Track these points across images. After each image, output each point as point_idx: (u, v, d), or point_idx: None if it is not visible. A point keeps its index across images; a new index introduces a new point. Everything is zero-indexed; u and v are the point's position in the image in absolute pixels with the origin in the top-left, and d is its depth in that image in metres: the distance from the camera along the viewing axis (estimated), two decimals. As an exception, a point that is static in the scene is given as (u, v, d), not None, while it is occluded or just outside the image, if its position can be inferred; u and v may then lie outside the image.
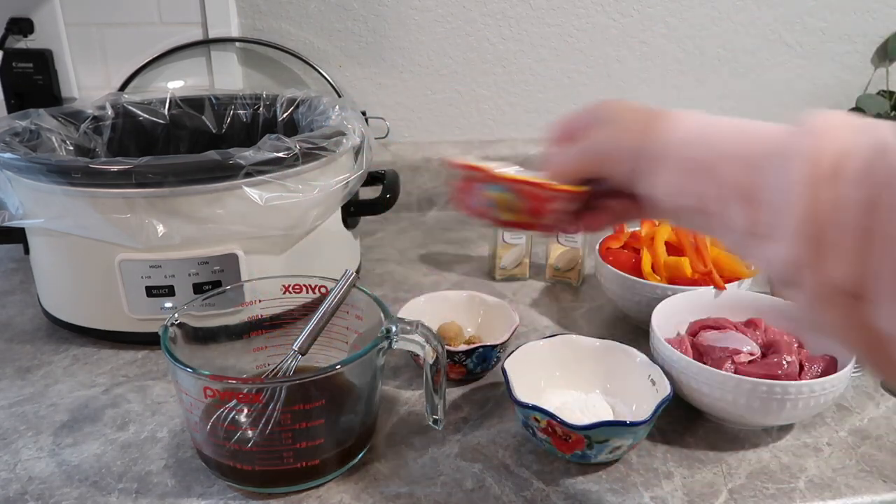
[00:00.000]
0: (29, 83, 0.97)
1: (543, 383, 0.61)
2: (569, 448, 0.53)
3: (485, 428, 0.59)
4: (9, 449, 0.56)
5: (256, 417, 0.48)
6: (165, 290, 0.66)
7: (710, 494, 0.52)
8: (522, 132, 1.13)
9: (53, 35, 0.96)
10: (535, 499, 0.51)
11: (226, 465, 0.50)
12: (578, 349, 0.63)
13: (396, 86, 1.07)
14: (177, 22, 0.98)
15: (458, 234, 1.03)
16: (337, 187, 0.71)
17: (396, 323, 0.52)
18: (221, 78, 1.01)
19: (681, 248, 0.75)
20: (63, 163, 0.62)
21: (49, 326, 0.74)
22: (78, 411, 0.61)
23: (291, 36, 1.02)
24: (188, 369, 0.47)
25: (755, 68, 1.13)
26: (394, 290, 0.84)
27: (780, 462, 0.55)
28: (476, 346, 0.63)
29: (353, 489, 0.52)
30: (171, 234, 0.63)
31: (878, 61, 1.15)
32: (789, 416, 0.56)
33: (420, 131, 1.10)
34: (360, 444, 0.54)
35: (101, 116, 0.83)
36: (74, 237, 0.64)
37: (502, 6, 1.04)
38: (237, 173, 0.62)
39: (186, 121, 0.89)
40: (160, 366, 0.68)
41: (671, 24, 1.08)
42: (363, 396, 0.53)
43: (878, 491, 0.52)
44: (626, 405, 0.59)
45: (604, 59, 1.09)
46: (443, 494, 0.52)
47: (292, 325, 0.60)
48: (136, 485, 0.52)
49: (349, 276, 0.55)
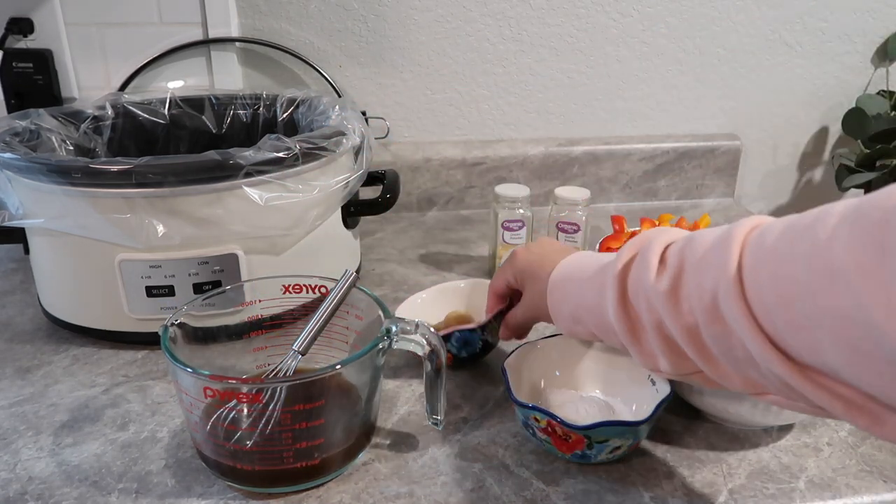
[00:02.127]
0: (29, 83, 0.97)
1: (543, 383, 0.61)
2: (569, 448, 0.53)
3: (485, 428, 0.59)
4: (9, 449, 0.56)
5: (256, 417, 0.48)
6: (165, 290, 0.66)
7: (710, 494, 0.52)
8: (522, 132, 1.13)
9: (53, 35, 0.96)
10: (535, 499, 0.51)
11: (226, 465, 0.50)
12: (578, 349, 0.63)
13: (396, 86, 1.07)
14: (177, 22, 0.98)
15: (458, 234, 1.03)
16: (337, 187, 0.71)
17: (396, 323, 0.52)
18: (221, 78, 1.01)
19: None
20: (63, 163, 0.62)
21: (49, 326, 0.74)
22: (78, 411, 0.61)
23: (291, 36, 1.02)
24: (188, 369, 0.47)
25: (755, 68, 1.13)
26: (394, 290, 0.84)
27: (780, 462, 0.55)
28: (452, 330, 0.63)
29: (353, 489, 0.52)
30: (171, 234, 0.63)
31: (878, 61, 1.15)
32: (789, 416, 0.56)
33: (420, 131, 1.10)
34: (360, 444, 0.54)
35: (101, 116, 0.83)
36: (74, 237, 0.64)
37: (502, 6, 1.04)
38: (237, 173, 0.62)
39: (186, 121, 0.89)
40: (160, 366, 0.68)
41: (671, 24, 1.08)
42: (363, 396, 0.53)
43: (878, 491, 0.52)
44: (626, 405, 0.59)
45: (604, 59, 1.09)
46: (443, 494, 0.52)
47: (292, 325, 0.60)
48: (136, 485, 0.52)
49: (349, 276, 0.55)
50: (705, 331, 0.40)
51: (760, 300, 0.36)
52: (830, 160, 1.22)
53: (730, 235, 0.39)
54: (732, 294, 0.37)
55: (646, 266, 0.44)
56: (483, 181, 1.11)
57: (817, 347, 0.33)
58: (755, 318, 0.36)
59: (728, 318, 0.38)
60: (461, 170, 1.10)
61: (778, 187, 1.24)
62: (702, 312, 0.40)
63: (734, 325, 0.37)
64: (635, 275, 0.45)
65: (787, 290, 0.34)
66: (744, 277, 0.37)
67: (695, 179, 1.17)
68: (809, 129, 1.20)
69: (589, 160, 1.13)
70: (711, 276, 0.39)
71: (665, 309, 0.42)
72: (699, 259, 0.41)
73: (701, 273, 0.40)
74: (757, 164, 1.21)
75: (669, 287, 0.42)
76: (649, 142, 1.14)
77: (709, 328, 0.40)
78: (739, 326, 0.37)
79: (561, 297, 0.54)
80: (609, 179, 1.15)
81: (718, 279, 0.38)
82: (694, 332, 0.41)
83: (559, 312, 0.55)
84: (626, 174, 1.15)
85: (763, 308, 0.36)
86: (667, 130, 1.16)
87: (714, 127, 1.16)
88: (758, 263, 0.36)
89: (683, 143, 1.14)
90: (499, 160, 1.10)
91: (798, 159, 1.22)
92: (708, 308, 0.39)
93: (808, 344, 0.34)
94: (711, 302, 0.39)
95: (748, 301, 0.36)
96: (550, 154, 1.11)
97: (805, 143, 1.21)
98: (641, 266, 0.45)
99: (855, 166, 1.09)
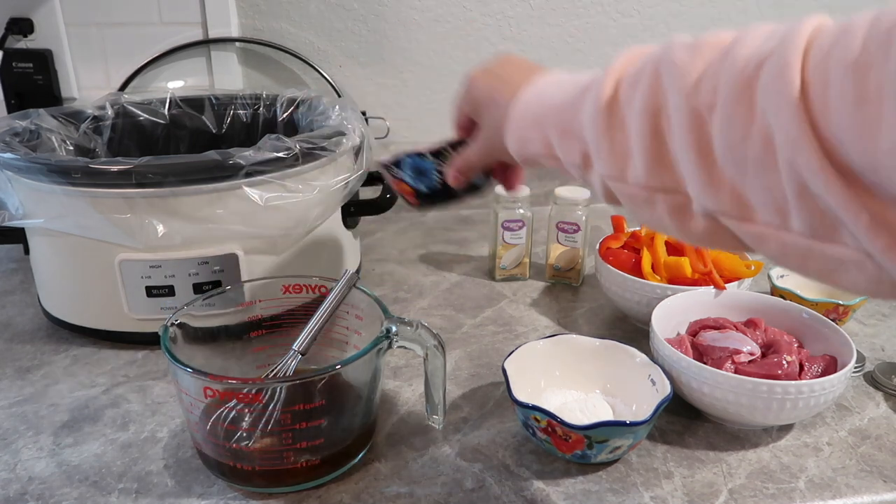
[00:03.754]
0: (29, 83, 0.97)
1: (543, 383, 0.61)
2: (569, 448, 0.53)
3: (485, 428, 0.59)
4: (9, 449, 0.56)
5: (256, 417, 0.48)
6: (165, 290, 0.66)
7: (710, 494, 0.52)
8: (522, 132, 1.13)
9: (53, 35, 0.96)
10: (535, 499, 0.51)
11: (226, 465, 0.50)
12: (578, 349, 0.63)
13: (396, 86, 1.07)
14: (177, 22, 0.98)
15: (458, 234, 1.03)
16: (337, 187, 0.71)
17: (396, 323, 0.52)
18: (221, 78, 1.01)
19: (681, 248, 0.75)
20: (63, 163, 0.62)
21: (49, 326, 0.74)
22: (78, 411, 0.61)
23: (291, 36, 1.02)
24: (188, 369, 0.47)
25: (755, 68, 1.13)
26: (394, 290, 0.84)
27: (780, 462, 0.55)
28: (401, 154, 0.58)
29: (353, 489, 0.52)
30: (171, 234, 0.63)
31: (878, 61, 1.15)
32: (789, 416, 0.56)
33: (420, 131, 1.10)
34: (360, 444, 0.54)
35: (101, 116, 0.83)
36: (74, 237, 0.64)
37: (502, 6, 1.04)
38: (237, 173, 0.62)
39: (186, 121, 0.89)
40: (160, 366, 0.68)
41: (671, 25, 1.08)
42: (363, 396, 0.53)
43: (878, 491, 0.52)
44: (626, 405, 0.59)
45: (604, 59, 1.09)
46: (443, 494, 0.52)
47: (292, 325, 0.60)
48: (136, 485, 0.52)
49: (349, 276, 0.55)
50: (721, 112, 0.33)
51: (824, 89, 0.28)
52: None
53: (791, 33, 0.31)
54: (788, 71, 0.29)
55: (669, 47, 0.37)
56: (483, 181, 1.11)
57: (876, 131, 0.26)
58: (810, 105, 0.29)
59: (762, 98, 0.31)
60: (461, 170, 1.10)
61: (778, 187, 1.24)
62: (729, 88, 0.32)
63: (769, 107, 0.30)
64: (648, 55, 0.39)
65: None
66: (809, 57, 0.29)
67: (695, 179, 1.17)
68: (809, 129, 1.20)
69: (589, 160, 1.12)
70: (764, 47, 0.32)
71: (677, 82, 0.35)
72: (750, 36, 0.33)
73: (746, 45, 0.33)
74: (757, 164, 1.21)
75: (691, 58, 0.35)
76: (649, 142, 1.14)
77: (727, 108, 0.33)
78: (779, 109, 0.30)
79: (522, 109, 0.47)
80: (609, 179, 1.15)
81: (773, 51, 0.31)
82: (700, 119, 0.34)
83: (515, 125, 0.48)
84: (626, 174, 1.15)
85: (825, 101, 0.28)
86: (667, 130, 1.16)
87: (714, 127, 1.16)
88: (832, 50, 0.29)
89: (683, 143, 1.14)
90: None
91: (798, 159, 1.22)
92: (739, 83, 0.32)
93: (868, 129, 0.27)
94: (747, 78, 0.32)
95: (807, 82, 0.29)
96: (550, 154, 1.11)
97: (805, 143, 1.21)
98: (662, 49, 0.38)
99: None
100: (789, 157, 0.30)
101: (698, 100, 0.34)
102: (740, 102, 0.32)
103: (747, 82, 0.32)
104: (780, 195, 0.31)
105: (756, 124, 0.31)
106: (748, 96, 0.32)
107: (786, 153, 0.30)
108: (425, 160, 0.57)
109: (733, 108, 0.32)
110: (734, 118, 0.32)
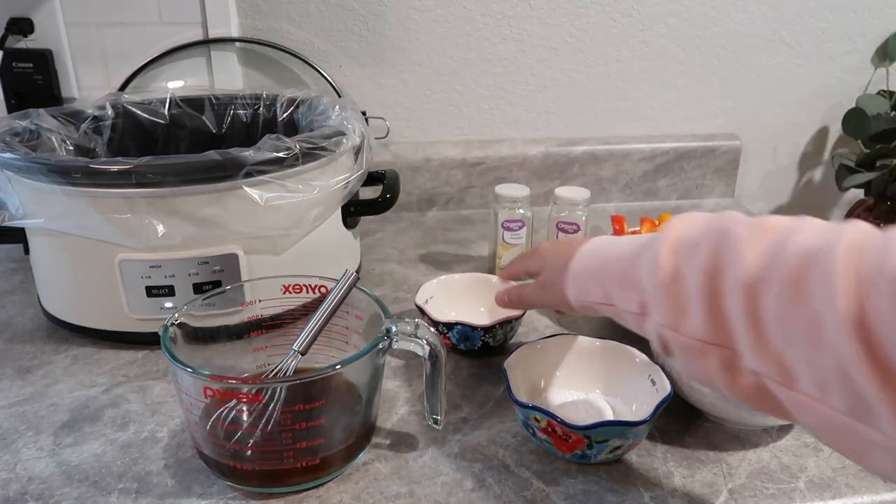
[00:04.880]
0: (29, 83, 0.97)
1: (543, 383, 0.61)
2: (569, 448, 0.53)
3: (485, 428, 0.59)
4: (9, 449, 0.56)
5: (256, 417, 0.48)
6: (165, 290, 0.66)
7: (710, 494, 0.52)
8: (522, 132, 1.13)
9: (53, 35, 0.96)
10: (535, 499, 0.51)
11: (226, 465, 0.50)
12: (578, 349, 0.63)
13: (396, 86, 1.07)
14: (177, 22, 0.98)
15: (458, 234, 1.03)
16: (337, 187, 0.71)
17: (396, 323, 0.52)
18: (221, 78, 1.01)
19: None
20: (63, 163, 0.62)
21: (49, 326, 0.74)
22: (78, 411, 0.61)
23: (291, 36, 1.02)
24: (188, 369, 0.47)
25: (755, 68, 1.13)
26: (394, 290, 0.84)
27: (780, 462, 0.55)
28: (456, 322, 0.66)
29: (353, 489, 0.52)
30: (171, 234, 0.63)
31: (878, 61, 1.15)
32: (789, 416, 0.56)
33: (420, 131, 1.10)
34: (360, 444, 0.54)
35: (101, 116, 0.83)
36: (74, 237, 0.64)
37: (502, 6, 1.04)
38: (237, 173, 0.62)
39: (186, 121, 0.89)
40: (160, 366, 0.68)
41: (671, 24, 1.08)
42: (363, 396, 0.53)
43: (878, 491, 0.52)
44: (626, 405, 0.59)
45: (604, 59, 1.09)
46: (443, 494, 0.52)
47: (292, 325, 0.60)
48: (136, 485, 0.52)
49: (349, 276, 0.55)
50: (774, 289, 0.36)
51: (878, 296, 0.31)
52: (830, 160, 1.22)
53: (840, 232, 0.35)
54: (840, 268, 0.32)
55: (733, 220, 0.41)
56: (483, 181, 1.11)
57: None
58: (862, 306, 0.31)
59: (816, 292, 0.33)
60: (461, 170, 1.10)
61: (778, 187, 1.24)
62: (785, 271, 0.36)
63: (818, 295, 0.33)
64: (709, 222, 0.42)
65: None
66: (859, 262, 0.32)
67: (695, 179, 1.17)
68: (809, 129, 1.20)
69: (589, 160, 1.13)
70: (817, 240, 0.35)
71: (737, 256, 0.38)
72: (806, 228, 0.37)
73: (803, 234, 0.36)
74: (757, 164, 1.21)
75: (751, 236, 0.39)
76: (649, 142, 1.14)
77: (780, 287, 0.36)
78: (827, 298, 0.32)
79: (583, 261, 0.52)
80: (609, 179, 1.15)
81: (822, 247, 0.34)
82: (754, 291, 0.37)
83: (575, 276, 0.52)
84: (626, 174, 1.15)
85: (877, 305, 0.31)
86: (667, 130, 1.16)
87: (714, 127, 1.16)
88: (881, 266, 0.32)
89: (683, 143, 1.14)
90: (499, 160, 1.10)
91: (798, 159, 1.22)
92: (792, 270, 0.35)
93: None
94: (801, 266, 0.35)
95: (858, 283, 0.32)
96: (550, 154, 1.11)
97: (805, 143, 1.21)
98: (723, 221, 0.41)
99: (855, 166, 1.08)
100: (833, 340, 0.32)
101: (754, 274, 0.37)
102: (793, 286, 0.35)
103: (800, 273, 0.35)
104: (823, 372, 0.33)
105: (807, 309, 0.34)
106: (802, 283, 0.35)
107: (831, 336, 0.32)
108: (475, 332, 0.66)
109: (786, 287, 0.35)
110: (786, 297, 0.35)
